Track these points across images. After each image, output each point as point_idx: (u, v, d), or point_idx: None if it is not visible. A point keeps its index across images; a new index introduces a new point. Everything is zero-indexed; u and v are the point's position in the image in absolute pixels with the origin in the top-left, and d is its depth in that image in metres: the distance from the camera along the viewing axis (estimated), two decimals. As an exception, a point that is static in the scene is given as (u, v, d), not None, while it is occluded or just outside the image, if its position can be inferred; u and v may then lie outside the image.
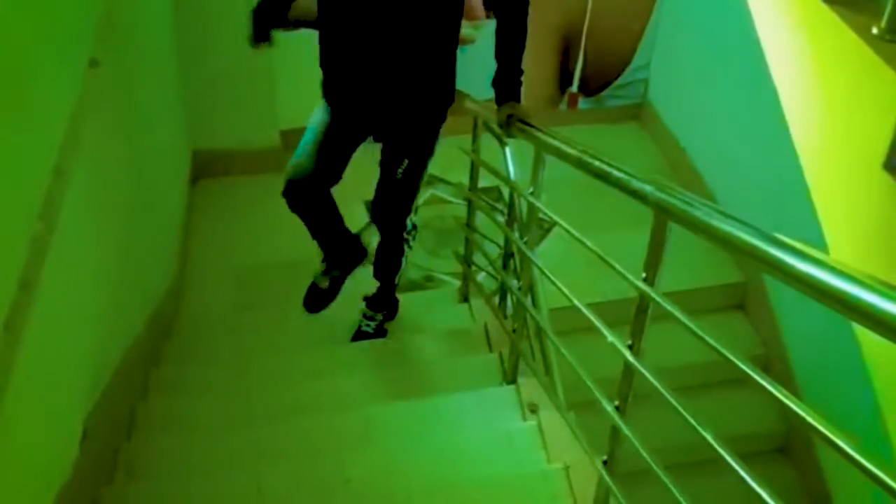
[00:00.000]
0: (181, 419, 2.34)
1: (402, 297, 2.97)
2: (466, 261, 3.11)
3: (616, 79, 4.39)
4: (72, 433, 1.78)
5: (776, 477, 3.01)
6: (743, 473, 1.12)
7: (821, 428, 0.90)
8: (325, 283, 2.67)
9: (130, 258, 2.43)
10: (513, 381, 2.40)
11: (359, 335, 2.85)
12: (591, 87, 4.39)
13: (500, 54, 2.17)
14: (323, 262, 2.68)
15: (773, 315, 3.17)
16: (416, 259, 3.42)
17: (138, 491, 1.98)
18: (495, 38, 2.17)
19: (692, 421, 1.21)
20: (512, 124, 2.15)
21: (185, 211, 3.63)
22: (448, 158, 2.82)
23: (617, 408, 1.51)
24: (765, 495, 1.06)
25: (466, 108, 2.61)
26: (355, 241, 2.67)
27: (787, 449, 3.11)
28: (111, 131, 2.28)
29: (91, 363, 1.96)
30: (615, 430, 1.54)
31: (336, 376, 2.61)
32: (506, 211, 2.68)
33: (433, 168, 2.52)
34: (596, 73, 4.35)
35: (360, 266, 2.71)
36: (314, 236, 2.55)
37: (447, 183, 3.14)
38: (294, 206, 2.40)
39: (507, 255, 2.67)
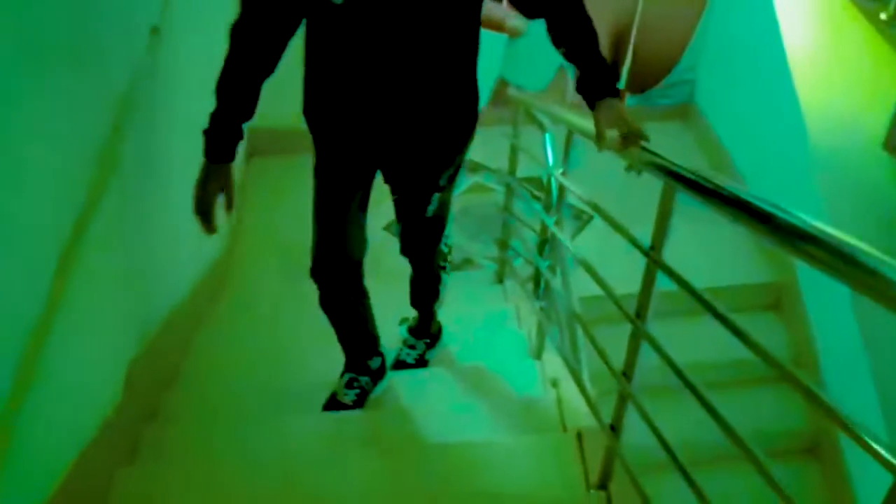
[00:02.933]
0: (220, 375, 2.48)
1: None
2: (504, 245, 3.19)
3: (663, 78, 4.42)
4: (116, 377, 1.92)
5: (800, 477, 3.01)
6: (763, 466, 1.10)
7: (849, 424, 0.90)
8: (349, 399, 2.29)
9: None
10: (538, 357, 2.48)
11: (398, 364, 2.53)
12: (639, 85, 4.43)
13: (573, 55, 1.65)
14: (346, 372, 2.32)
15: (807, 317, 3.17)
16: (457, 242, 3.49)
17: (176, 433, 2.12)
18: (554, 42, 1.69)
19: (705, 399, 1.25)
20: (630, 143, 1.55)
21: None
22: (491, 146, 2.87)
23: (624, 374, 1.58)
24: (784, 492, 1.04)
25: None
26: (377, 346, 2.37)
27: (814, 449, 3.10)
28: (161, 95, 2.41)
29: (137, 314, 2.09)
30: (622, 398, 1.61)
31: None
32: (544, 198, 2.75)
33: (475, 155, 2.42)
34: (644, 72, 4.39)
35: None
36: (341, 337, 2.24)
37: (488, 169, 3.21)
38: (324, 294, 2.10)
39: (543, 242, 2.74)
